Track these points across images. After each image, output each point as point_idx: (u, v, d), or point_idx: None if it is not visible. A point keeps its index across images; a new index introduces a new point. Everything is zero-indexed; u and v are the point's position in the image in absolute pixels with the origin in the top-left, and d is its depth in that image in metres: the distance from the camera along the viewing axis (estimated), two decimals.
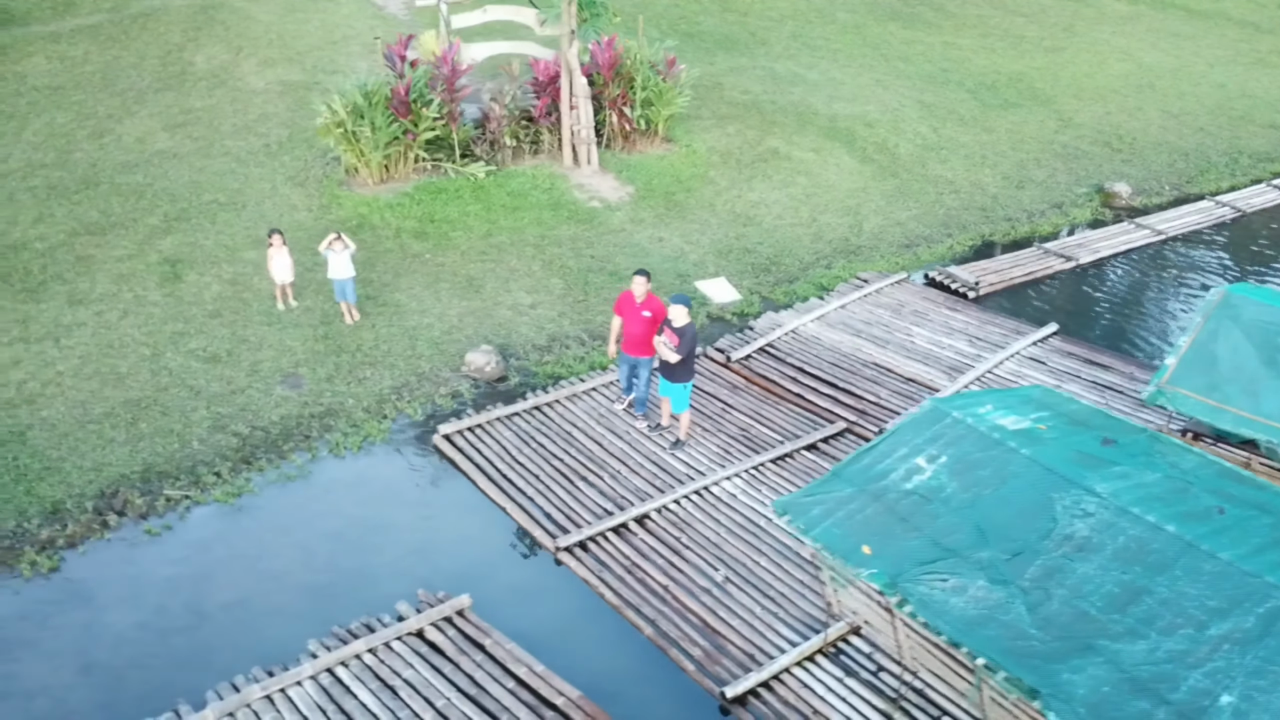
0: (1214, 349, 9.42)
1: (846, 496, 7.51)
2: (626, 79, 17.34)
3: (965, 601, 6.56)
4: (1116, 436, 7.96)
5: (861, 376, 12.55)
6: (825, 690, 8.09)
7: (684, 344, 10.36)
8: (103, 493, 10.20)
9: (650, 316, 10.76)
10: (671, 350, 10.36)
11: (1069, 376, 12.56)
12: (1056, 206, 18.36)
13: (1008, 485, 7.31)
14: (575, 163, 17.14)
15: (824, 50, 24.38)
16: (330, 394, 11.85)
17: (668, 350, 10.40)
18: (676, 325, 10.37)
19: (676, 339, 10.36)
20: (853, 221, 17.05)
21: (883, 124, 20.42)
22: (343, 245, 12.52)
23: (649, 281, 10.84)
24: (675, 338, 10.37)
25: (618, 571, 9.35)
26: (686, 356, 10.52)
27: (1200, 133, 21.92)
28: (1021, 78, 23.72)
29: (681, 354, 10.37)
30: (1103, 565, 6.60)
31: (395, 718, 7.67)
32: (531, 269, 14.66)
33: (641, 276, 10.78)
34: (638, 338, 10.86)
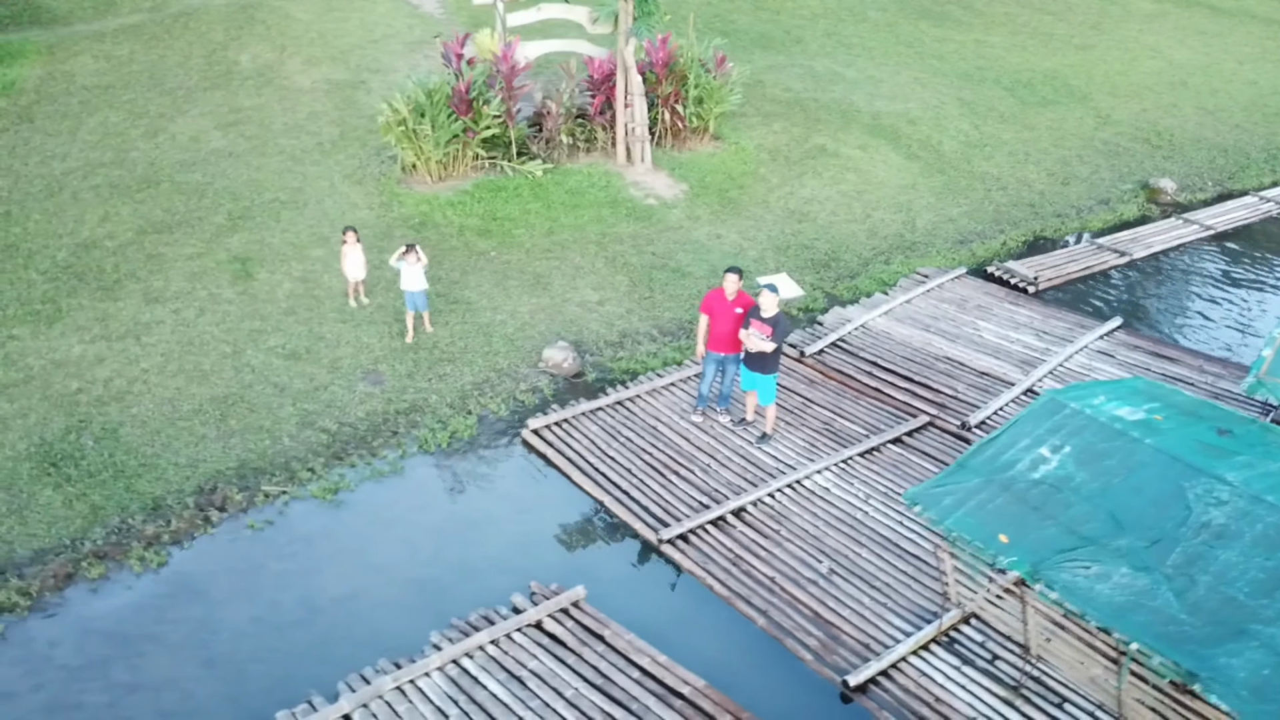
0: None
1: (975, 487, 7.62)
2: (679, 77, 17.42)
3: (1111, 588, 6.67)
4: (1230, 427, 8.07)
5: (936, 370, 12.66)
6: (944, 678, 8.20)
7: (778, 333, 10.44)
8: (201, 489, 10.27)
9: (742, 313, 10.83)
10: (765, 340, 10.44)
11: (1139, 370, 12.69)
12: (1103, 202, 18.49)
13: (1136, 474, 7.42)
14: (629, 160, 17.21)
15: (859, 48, 24.48)
16: (413, 390, 11.92)
17: (760, 340, 10.47)
18: (768, 315, 10.45)
19: (769, 329, 10.44)
20: (905, 218, 17.16)
21: (925, 121, 20.53)
22: (416, 258, 12.30)
23: (741, 279, 10.91)
24: (767, 328, 10.44)
25: (722, 564, 9.45)
26: (778, 347, 10.61)
27: (1237, 129, 22.07)
28: (1056, 75, 23.84)
29: (776, 342, 10.45)
30: (1244, 552, 6.71)
31: (526, 707, 7.76)
32: (595, 266, 14.74)
33: (733, 274, 10.85)
34: (729, 336, 10.92)
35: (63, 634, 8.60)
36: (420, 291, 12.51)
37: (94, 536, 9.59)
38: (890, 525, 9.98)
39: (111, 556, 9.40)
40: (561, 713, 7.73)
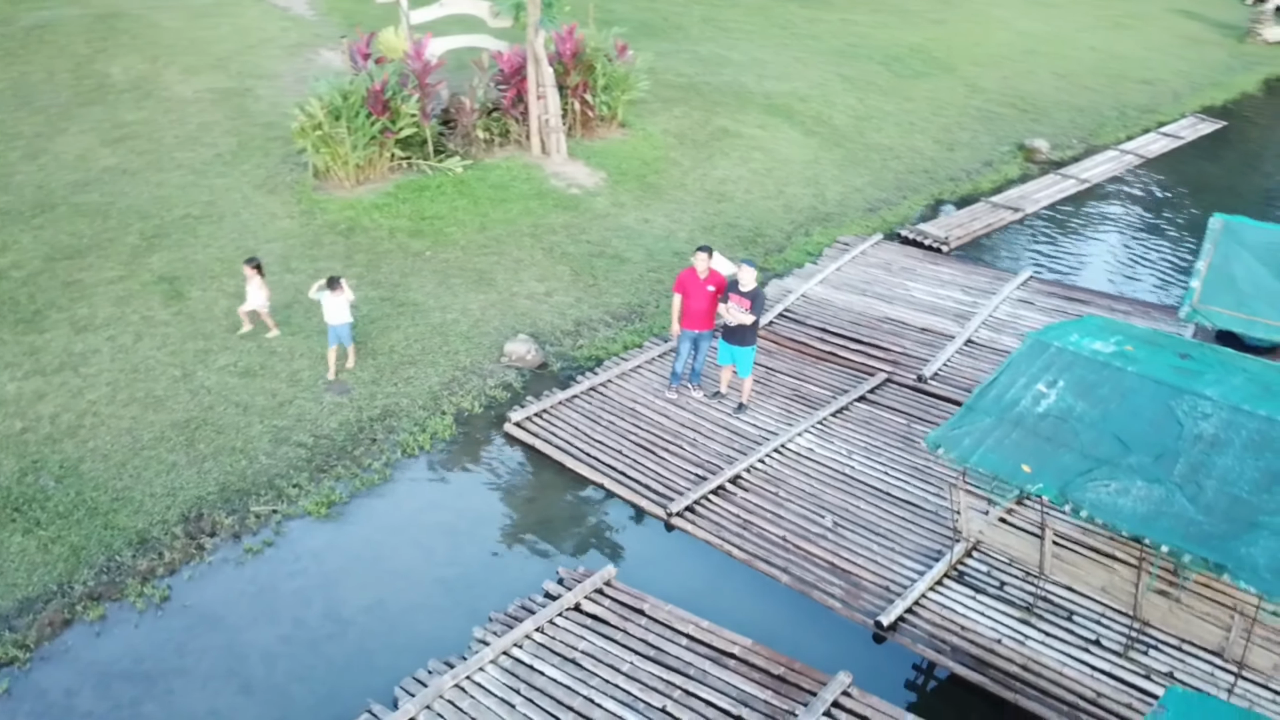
0: (1230, 271, 10.64)
1: (989, 426, 8.19)
2: (586, 67, 17.59)
3: (1132, 501, 7.34)
4: (1187, 352, 8.95)
5: (881, 331, 13.35)
6: (963, 608, 8.78)
7: (757, 306, 10.82)
8: (186, 516, 9.85)
9: (714, 291, 11.16)
10: (744, 313, 10.80)
11: (1058, 314, 13.72)
12: (987, 164, 19.77)
13: (1128, 399, 8.15)
14: (544, 152, 17.27)
15: (738, 32, 25.19)
16: (382, 396, 11.73)
17: (740, 314, 10.82)
18: (747, 289, 10.81)
19: (748, 302, 10.80)
20: (815, 191, 17.89)
21: (814, 98, 21.38)
22: (342, 289, 11.45)
23: (710, 257, 11.23)
24: (746, 301, 10.81)
25: (733, 529, 9.78)
26: (756, 320, 10.99)
27: (1089, 91, 23.92)
28: (921, 49, 25.21)
29: (756, 315, 10.82)
30: (1238, 456, 7.50)
31: (588, 686, 7.88)
32: (535, 258, 14.79)
33: (703, 253, 11.15)
34: (703, 313, 11.23)
35: (78, 681, 8.15)
36: (344, 325, 11.66)
37: (82, 578, 9.08)
38: (878, 476, 10.54)
39: (107, 596, 8.93)
40: (624, 687, 7.89)
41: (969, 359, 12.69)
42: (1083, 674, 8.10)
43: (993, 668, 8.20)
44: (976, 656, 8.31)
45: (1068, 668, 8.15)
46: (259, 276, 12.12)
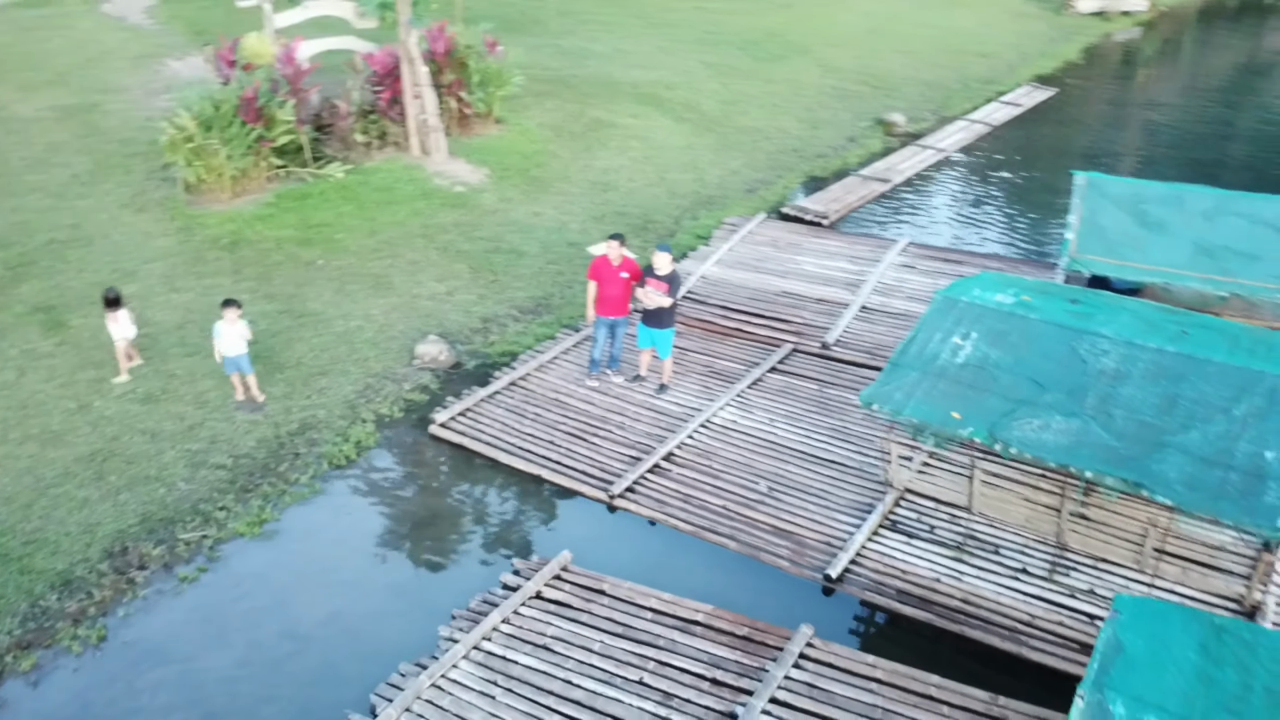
0: (1099, 222, 11.60)
1: (916, 379, 8.73)
2: (460, 64, 17.47)
3: (1054, 435, 8.00)
4: (1075, 297, 9.77)
5: (780, 304, 13.87)
6: (900, 554, 9.32)
7: (674, 288, 11.10)
8: (110, 552, 9.40)
9: (628, 277, 11.38)
10: (662, 296, 11.06)
11: (940, 275, 14.58)
12: (851, 140, 20.68)
13: (1035, 344, 8.85)
14: (424, 152, 17.08)
15: (595, 24, 25.43)
16: (297, 410, 11.44)
17: (658, 297, 11.08)
18: (663, 273, 11.07)
19: (665, 286, 11.07)
20: (695, 175, 18.33)
21: (681, 86, 21.85)
22: (236, 314, 10.86)
23: (623, 244, 11.43)
24: (663, 285, 11.07)
25: (675, 504, 10.05)
26: (674, 303, 11.25)
27: (933, 66, 25.28)
28: (775, 33, 26.06)
29: (673, 298, 11.10)
30: (1139, 385, 8.28)
31: (564, 669, 8.00)
32: (431, 258, 14.65)
33: (615, 240, 11.36)
34: (617, 299, 11.43)
35: None
36: (241, 355, 11.07)
37: (5, 628, 8.55)
38: (801, 440, 11.01)
39: (38, 644, 8.45)
40: (598, 665, 8.05)
41: (866, 324, 13.34)
42: (1016, 600, 8.74)
43: (936, 604, 8.75)
44: (920, 596, 8.85)
45: (1002, 596, 8.78)
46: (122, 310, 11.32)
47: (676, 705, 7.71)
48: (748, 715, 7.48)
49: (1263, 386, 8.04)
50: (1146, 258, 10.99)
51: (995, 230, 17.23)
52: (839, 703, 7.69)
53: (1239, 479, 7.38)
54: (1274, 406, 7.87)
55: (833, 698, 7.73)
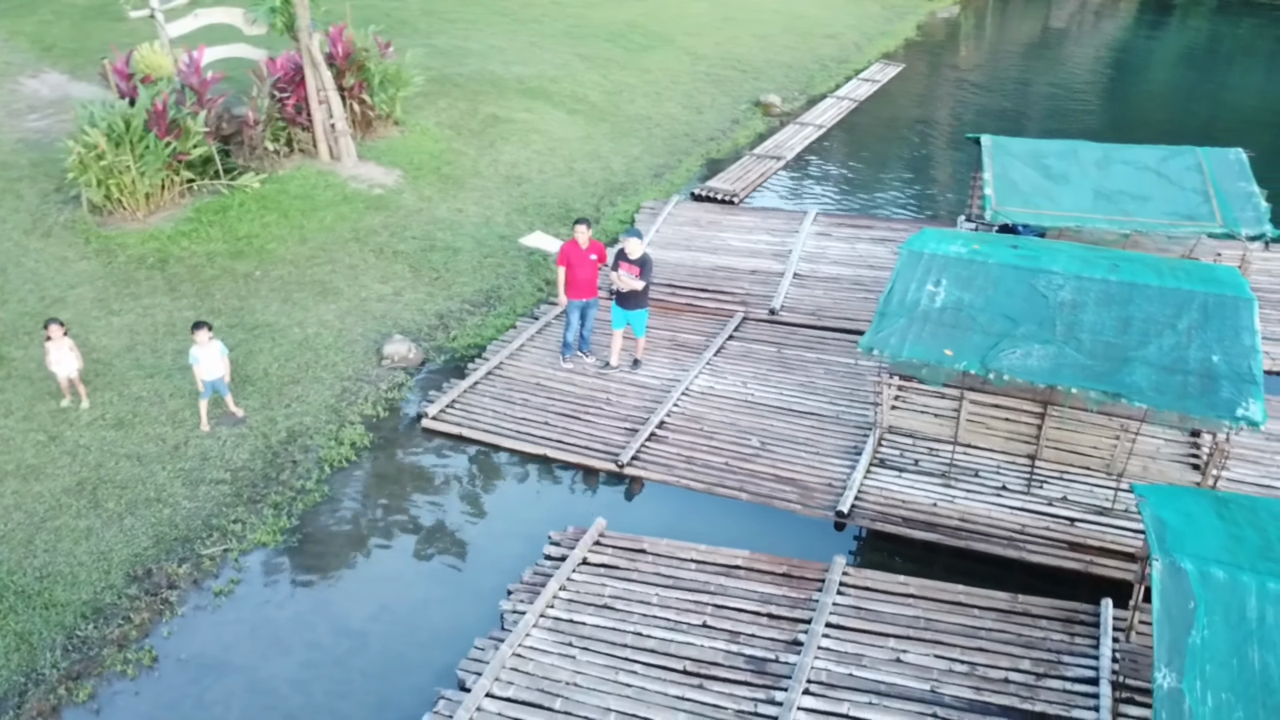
0: (1011, 178, 12.94)
1: (905, 325, 9.68)
2: (359, 67, 17.36)
3: (1036, 360, 9.11)
4: (1014, 243, 11.01)
5: (719, 278, 14.68)
6: (895, 486, 10.29)
7: (646, 271, 11.64)
8: (133, 576, 9.20)
9: (597, 260, 11.87)
10: (634, 279, 11.60)
11: (854, 240, 15.78)
12: (735, 122, 21.74)
13: (999, 285, 9.98)
14: (333, 157, 16.91)
15: (462, 22, 25.48)
16: (281, 419, 11.36)
17: (630, 280, 11.61)
18: (635, 257, 11.60)
19: (637, 269, 11.61)
20: (602, 164, 18.90)
21: (563, 79, 22.31)
22: (208, 335, 10.62)
23: (589, 228, 11.90)
24: (635, 268, 11.61)
25: (681, 466, 10.68)
26: (646, 285, 11.77)
27: (788, 49, 26.72)
28: (637, 25, 26.84)
29: (645, 281, 11.65)
30: (1095, 312, 9.52)
31: (631, 622, 8.51)
32: (368, 261, 14.64)
33: (582, 225, 11.81)
34: (587, 282, 11.90)
35: None
36: (218, 379, 10.88)
37: (50, 662, 8.29)
38: (776, 398, 11.84)
39: (88, 673, 8.25)
40: (660, 615, 8.60)
41: (802, 289, 14.33)
42: (1005, 514, 9.86)
43: (940, 526, 9.76)
44: (923, 520, 9.83)
45: (993, 511, 9.88)
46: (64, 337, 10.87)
47: (744, 640, 8.37)
48: (810, 640, 8.22)
49: (1195, 303, 9.43)
50: (1057, 205, 12.41)
51: (888, 195, 18.68)
52: (885, 618, 8.54)
53: (1196, 380, 8.69)
54: (1209, 319, 9.26)
55: (879, 615, 8.57)
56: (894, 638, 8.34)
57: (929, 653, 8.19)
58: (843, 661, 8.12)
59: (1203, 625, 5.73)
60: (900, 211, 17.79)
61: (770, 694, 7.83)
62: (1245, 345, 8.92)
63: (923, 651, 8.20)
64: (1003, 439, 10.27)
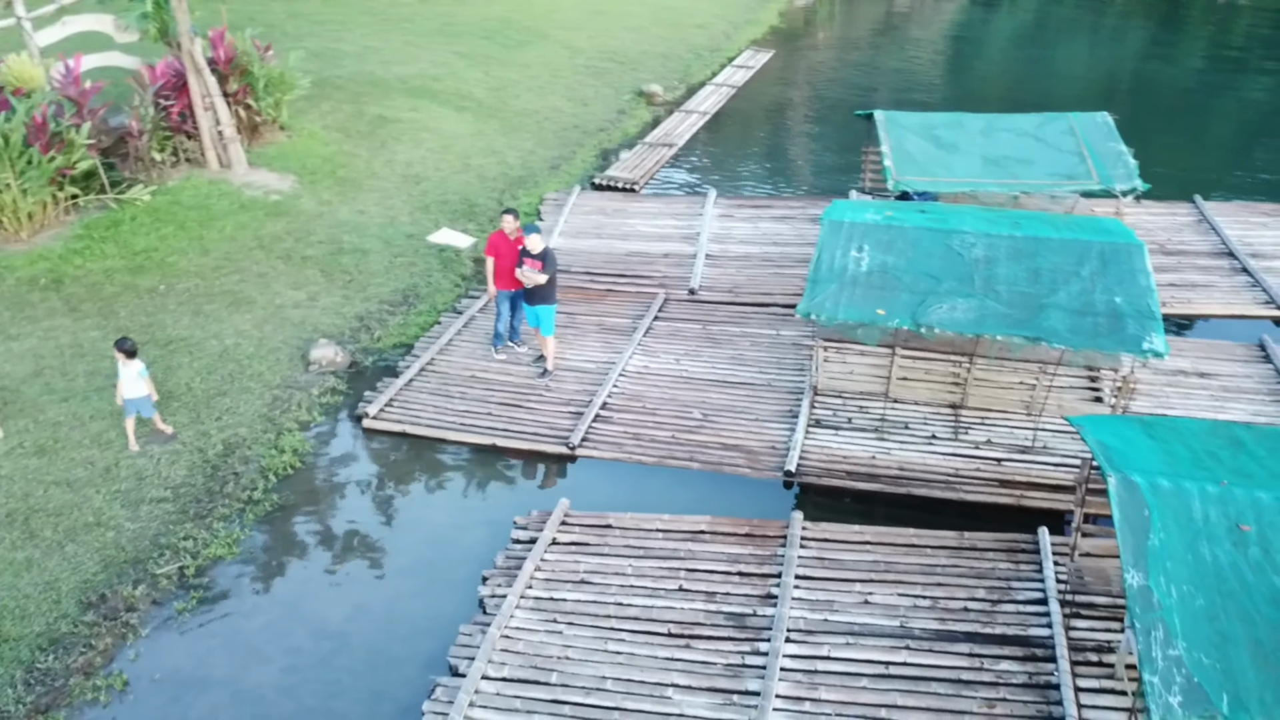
0: (906, 149, 13.71)
1: (837, 289, 10.23)
2: (243, 71, 16.89)
3: (962, 313, 9.79)
4: (921, 208, 11.75)
5: (636, 262, 15.01)
6: (834, 443, 10.84)
7: (548, 265, 11.53)
8: (87, 603, 8.85)
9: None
10: (538, 273, 11.61)
11: (756, 220, 16.38)
12: (621, 113, 22.09)
13: (917, 247, 10.65)
14: (223, 165, 16.41)
15: (331, 24, 24.97)
16: (215, 432, 11.07)
17: (534, 275, 11.61)
18: (536, 252, 11.57)
19: (539, 264, 11.62)
20: (498, 159, 18.94)
21: (445, 77, 22.18)
22: (124, 356, 10.24)
23: (517, 219, 11.98)
24: (538, 263, 11.62)
25: (629, 443, 10.96)
26: (552, 277, 11.71)
27: (661, 40, 27.25)
28: (509, 20, 26.86)
29: (548, 274, 11.57)
30: (1008, 265, 10.29)
31: (611, 594, 8.75)
32: (277, 268, 14.33)
33: (509, 215, 11.90)
34: (514, 273, 11.98)
35: None
36: (142, 398, 10.46)
37: (12, 698, 7.93)
38: (709, 372, 12.25)
39: (57, 704, 7.94)
40: (637, 584, 8.87)
41: (716, 268, 14.80)
42: (938, 459, 10.54)
43: (881, 476, 10.36)
44: (866, 473, 10.41)
45: (928, 459, 10.55)
46: None
47: (721, 599, 8.73)
48: (784, 592, 8.65)
49: (1094, 252, 10.32)
50: (951, 172, 13.25)
51: (780, 174, 19.41)
52: (848, 566, 9.05)
53: (1105, 321, 9.53)
54: (1107, 265, 10.15)
55: (842, 563, 9.08)
56: (859, 582, 8.85)
57: (893, 592, 8.74)
58: (816, 609, 8.58)
59: (1158, 529, 6.40)
60: (794, 189, 18.52)
61: (754, 645, 8.22)
62: (1142, 286, 9.84)
63: (887, 592, 8.74)
64: (928, 391, 10.96)
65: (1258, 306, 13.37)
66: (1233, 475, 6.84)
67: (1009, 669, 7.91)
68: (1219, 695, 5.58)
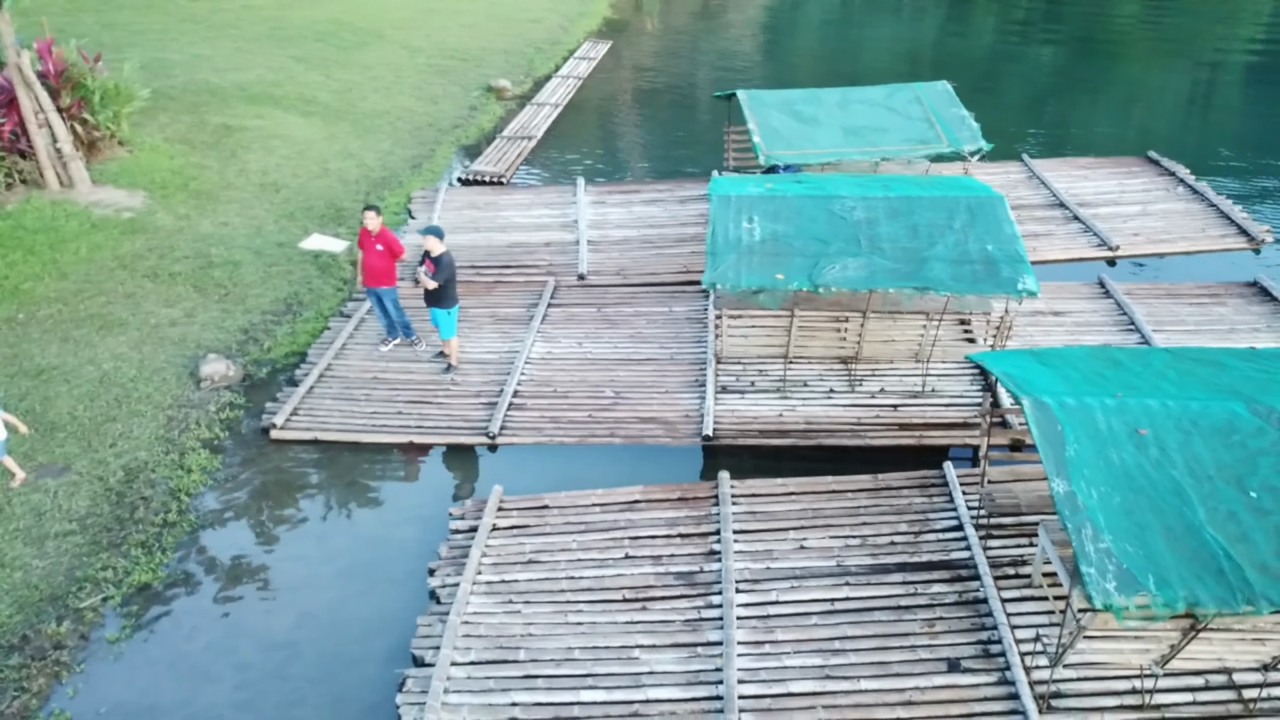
0: (772, 125, 14.38)
1: (735, 259, 10.72)
2: (75, 85, 15.93)
3: (853, 271, 10.47)
4: (797, 180, 12.44)
5: (519, 253, 15.14)
6: (743, 407, 11.37)
7: (441, 270, 11.41)
8: (10, 646, 8.34)
9: (383, 250, 11.82)
10: (430, 277, 11.49)
11: (628, 205, 16.78)
12: (473, 109, 22.03)
13: (802, 214, 11.29)
14: (63, 185, 15.46)
15: (150, 33, 23.73)
16: (111, 459, 10.55)
17: (426, 278, 11.46)
18: (434, 254, 11.52)
19: (434, 267, 11.58)
20: (356, 162, 18.58)
21: (285, 83, 21.52)
22: None
23: (379, 215, 11.82)
24: (433, 266, 11.58)
25: (548, 426, 11.15)
26: (446, 282, 11.52)
27: (498, 36, 27.25)
28: (342, 22, 26.24)
29: (440, 280, 11.43)
30: (889, 223, 11.06)
31: (559, 569, 8.95)
32: (145, 287, 13.67)
33: (370, 211, 11.73)
34: (377, 270, 11.85)
35: None
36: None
37: None
38: (611, 352, 12.56)
39: None
40: (584, 558, 9.11)
41: (600, 253, 15.10)
42: (840, 411, 11.24)
43: (791, 432, 10.95)
44: (777, 430, 10.99)
45: (830, 412, 11.22)
46: None
47: (667, 561, 9.08)
48: (725, 547, 9.08)
49: (961, 206, 11.23)
50: (815, 144, 14.04)
51: (642, 159, 19.88)
52: (779, 516, 9.58)
53: (981, 268, 10.42)
54: (975, 217, 11.08)
55: (773, 515, 9.60)
56: (792, 530, 9.39)
57: (824, 535, 9.32)
58: (758, 559, 9.06)
59: (1072, 441, 7.16)
60: (658, 173, 19.03)
61: (707, 599, 8.62)
62: (1008, 234, 10.80)
63: (819, 536, 9.32)
64: (824, 349, 11.64)
65: (1092, 249, 14.81)
66: (1123, 389, 7.71)
67: (940, 591, 8.62)
68: (1145, 576, 6.36)
